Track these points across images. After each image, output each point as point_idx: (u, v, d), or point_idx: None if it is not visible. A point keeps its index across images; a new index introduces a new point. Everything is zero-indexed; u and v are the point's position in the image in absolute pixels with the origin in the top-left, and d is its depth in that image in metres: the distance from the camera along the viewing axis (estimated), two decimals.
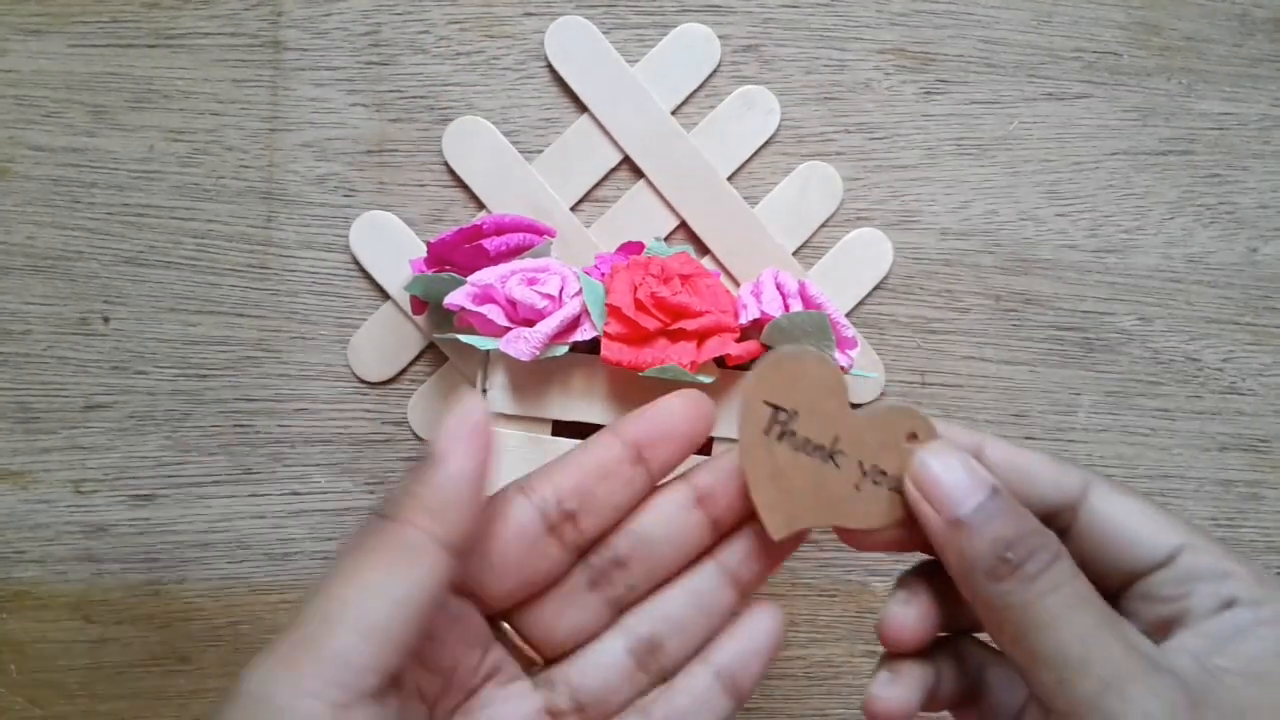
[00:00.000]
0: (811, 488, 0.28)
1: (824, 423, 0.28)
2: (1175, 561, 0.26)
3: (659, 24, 0.43)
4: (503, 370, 0.36)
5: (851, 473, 0.28)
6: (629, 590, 0.28)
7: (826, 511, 0.28)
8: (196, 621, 0.43)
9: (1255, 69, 0.45)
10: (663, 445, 0.28)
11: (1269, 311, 0.46)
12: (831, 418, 0.28)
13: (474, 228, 0.38)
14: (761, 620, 0.29)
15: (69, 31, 0.42)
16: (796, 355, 0.28)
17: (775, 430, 0.28)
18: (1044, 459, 0.27)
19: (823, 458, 0.28)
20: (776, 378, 0.28)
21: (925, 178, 0.44)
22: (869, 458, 0.28)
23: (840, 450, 0.28)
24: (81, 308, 0.43)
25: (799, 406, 0.28)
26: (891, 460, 0.28)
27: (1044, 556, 0.25)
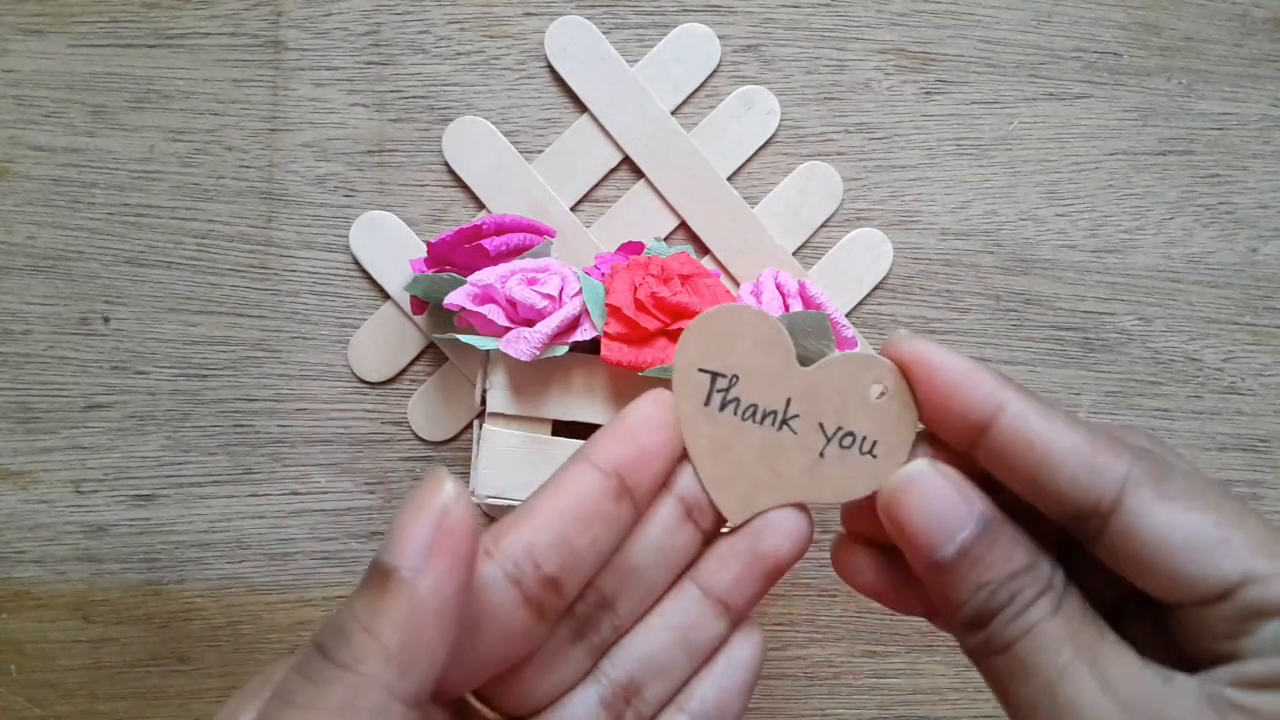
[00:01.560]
0: (766, 461, 0.24)
1: (770, 384, 0.24)
2: (1234, 596, 0.20)
3: (659, 24, 0.43)
4: (503, 370, 0.36)
5: (812, 438, 0.24)
6: (614, 631, 0.24)
7: (788, 487, 0.24)
8: (196, 621, 0.43)
9: (1255, 69, 0.45)
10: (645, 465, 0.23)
11: (1269, 311, 0.46)
12: (778, 377, 0.24)
13: (474, 228, 0.38)
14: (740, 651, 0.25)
15: (69, 31, 0.42)
16: (730, 312, 0.24)
17: (716, 400, 0.24)
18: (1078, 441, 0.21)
19: (775, 424, 0.24)
20: (708, 340, 0.24)
21: (925, 178, 0.44)
22: (831, 418, 0.24)
23: (795, 414, 0.24)
24: (82, 308, 0.43)
25: (739, 370, 0.24)
26: (859, 419, 0.24)
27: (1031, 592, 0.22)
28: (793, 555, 0.24)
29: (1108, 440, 0.21)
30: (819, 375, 0.24)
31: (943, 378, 0.22)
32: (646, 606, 0.24)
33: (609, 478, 0.22)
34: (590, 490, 0.22)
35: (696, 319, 0.25)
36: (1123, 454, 0.21)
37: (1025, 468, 0.22)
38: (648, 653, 0.24)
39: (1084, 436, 0.21)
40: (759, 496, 0.24)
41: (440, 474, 0.20)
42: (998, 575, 0.22)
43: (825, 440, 0.24)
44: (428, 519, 0.19)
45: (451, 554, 0.19)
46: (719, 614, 0.24)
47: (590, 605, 0.24)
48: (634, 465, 0.23)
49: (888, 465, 0.24)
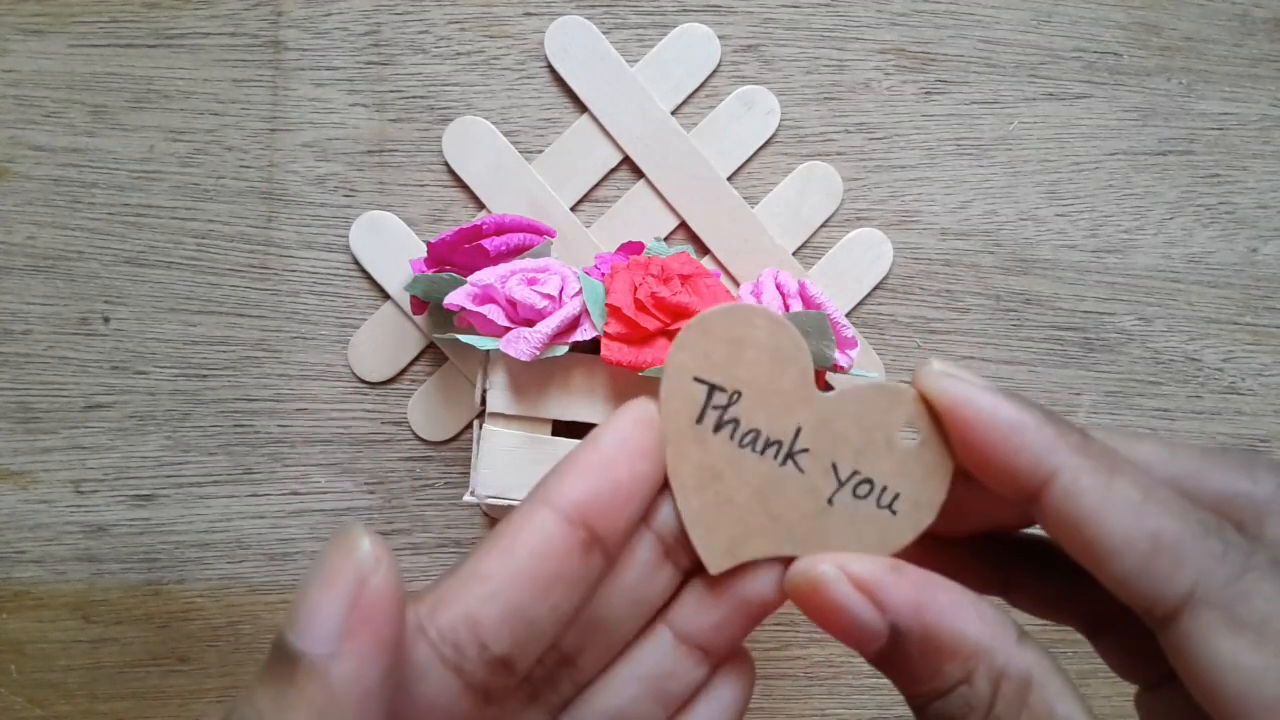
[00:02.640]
0: (762, 500, 0.20)
1: (780, 407, 0.20)
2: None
3: (659, 24, 0.43)
4: (503, 370, 0.36)
5: (822, 479, 0.20)
6: (574, 686, 0.21)
7: (785, 535, 0.20)
8: (196, 621, 0.43)
9: (1255, 69, 0.45)
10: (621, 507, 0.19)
11: (1269, 311, 0.46)
12: (790, 400, 0.20)
13: (474, 228, 0.38)
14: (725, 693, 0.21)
15: (69, 31, 0.42)
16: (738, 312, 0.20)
17: (711, 418, 0.20)
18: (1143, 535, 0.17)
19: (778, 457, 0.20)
20: (711, 344, 0.20)
21: (925, 178, 0.44)
22: (847, 459, 0.20)
23: (804, 448, 0.20)
24: (82, 308, 0.43)
25: (743, 385, 0.20)
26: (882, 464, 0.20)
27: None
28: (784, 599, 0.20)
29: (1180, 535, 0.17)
30: (839, 404, 0.20)
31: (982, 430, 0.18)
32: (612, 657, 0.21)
33: (575, 528, 0.18)
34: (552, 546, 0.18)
35: (700, 316, 0.20)
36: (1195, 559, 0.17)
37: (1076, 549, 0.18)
38: (616, 708, 0.20)
39: (1148, 528, 0.17)
40: (749, 543, 0.20)
41: (354, 532, 0.16)
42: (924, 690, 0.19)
43: (837, 484, 0.20)
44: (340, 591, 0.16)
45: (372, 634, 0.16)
46: (698, 661, 0.21)
47: (547, 665, 0.20)
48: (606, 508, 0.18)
49: (907, 527, 0.20)
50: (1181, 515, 0.17)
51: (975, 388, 0.18)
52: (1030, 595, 0.23)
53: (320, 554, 0.16)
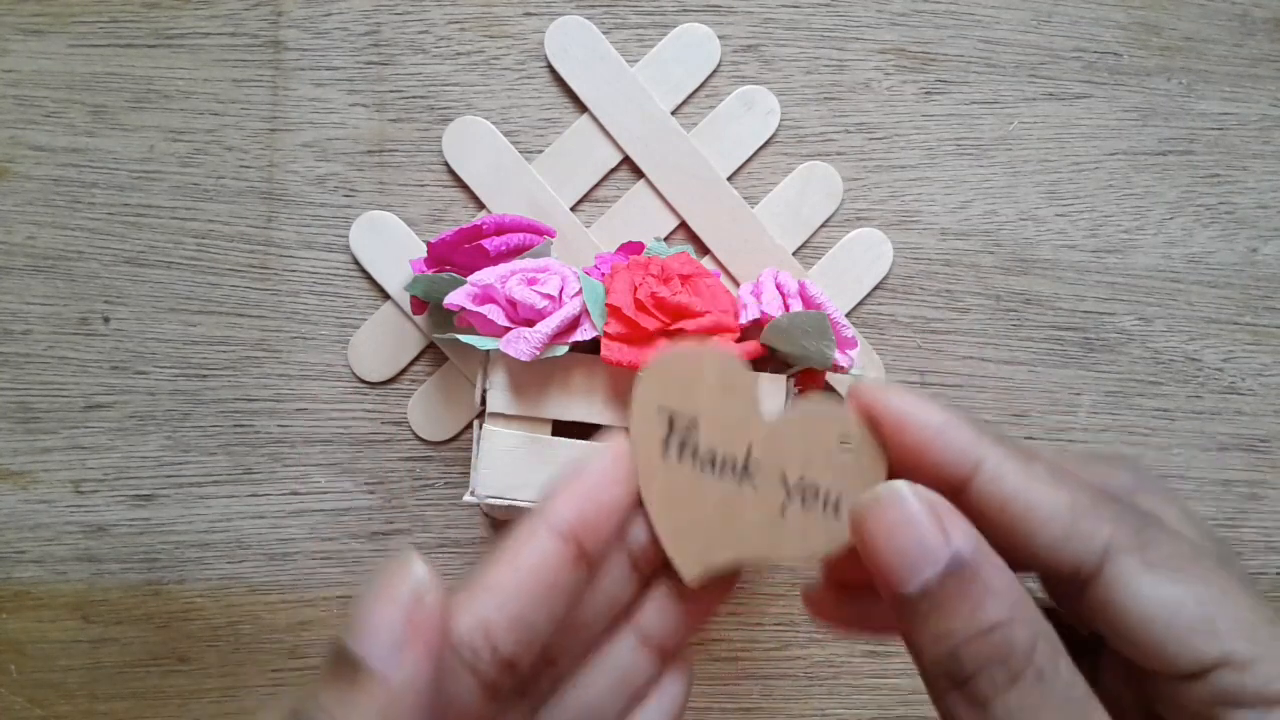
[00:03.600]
0: (723, 515, 0.23)
1: (732, 430, 0.23)
2: (1209, 678, 0.19)
3: (659, 24, 0.43)
4: (503, 370, 0.36)
5: (773, 492, 0.22)
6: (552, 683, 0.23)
7: (746, 543, 0.23)
8: (196, 621, 0.43)
9: (1255, 69, 0.45)
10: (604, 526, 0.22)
11: (1269, 311, 0.46)
12: (740, 423, 0.23)
13: (474, 228, 0.38)
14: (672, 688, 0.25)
15: (69, 31, 0.42)
16: (689, 353, 0.23)
17: (675, 444, 0.23)
18: (1058, 503, 0.20)
19: (734, 475, 0.23)
20: (669, 377, 0.23)
21: (925, 178, 0.44)
22: (794, 470, 0.22)
23: (756, 463, 0.23)
24: (82, 308, 0.43)
25: (699, 412, 0.23)
26: (824, 472, 0.22)
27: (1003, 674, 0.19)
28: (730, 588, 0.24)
29: (1091, 500, 0.20)
30: (783, 423, 0.23)
31: (914, 432, 0.21)
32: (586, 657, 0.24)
33: (568, 543, 0.21)
34: (549, 560, 0.21)
35: (655, 358, 0.23)
36: (1106, 517, 0.20)
37: (1002, 529, 0.20)
38: (587, 702, 0.23)
39: (1065, 498, 0.20)
40: (716, 553, 0.23)
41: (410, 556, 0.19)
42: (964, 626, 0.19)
43: (786, 494, 0.22)
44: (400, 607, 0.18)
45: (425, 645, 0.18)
46: (654, 659, 0.24)
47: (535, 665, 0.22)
48: (593, 527, 0.21)
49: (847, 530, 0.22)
50: (1087, 487, 0.21)
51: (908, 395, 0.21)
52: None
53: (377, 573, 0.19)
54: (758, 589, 0.44)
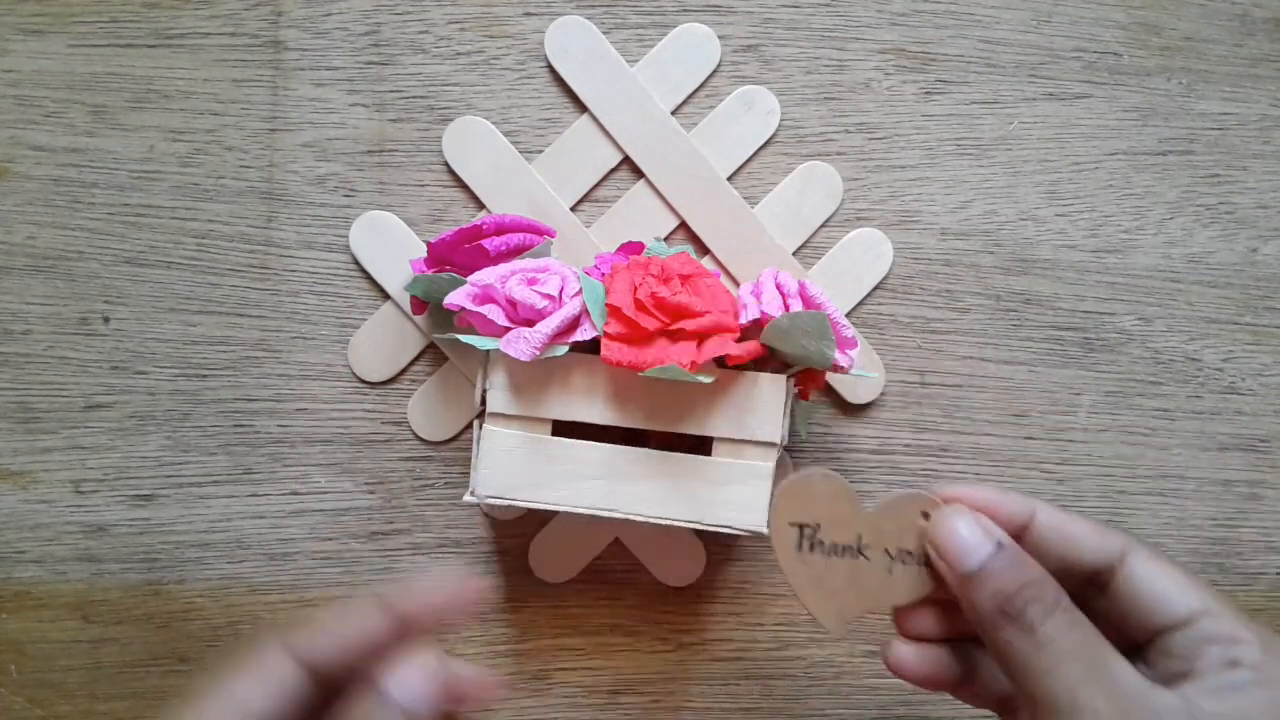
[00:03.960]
0: (850, 583, 0.32)
1: (844, 527, 0.32)
2: (1193, 624, 0.29)
3: (659, 24, 0.43)
4: (503, 370, 0.36)
5: (881, 561, 0.32)
6: None
7: (869, 599, 0.32)
8: (196, 621, 0.43)
9: (1255, 69, 0.45)
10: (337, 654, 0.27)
11: (1269, 311, 0.46)
12: (849, 520, 0.32)
13: (474, 228, 0.38)
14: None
15: (69, 31, 0.42)
16: (806, 478, 0.32)
17: (806, 545, 0.32)
18: (1089, 525, 0.31)
19: (852, 555, 0.32)
20: (794, 501, 0.32)
21: (925, 178, 0.44)
22: (893, 543, 0.32)
23: (866, 545, 0.32)
24: (82, 308, 0.43)
25: (819, 520, 0.32)
26: (913, 540, 0.32)
27: (1040, 607, 0.28)
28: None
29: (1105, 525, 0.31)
30: (880, 514, 0.32)
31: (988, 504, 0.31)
32: None
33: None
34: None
35: (781, 488, 0.32)
36: (1118, 533, 0.31)
37: (1058, 547, 0.31)
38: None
39: (1092, 523, 0.31)
40: (849, 610, 0.32)
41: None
42: (1011, 583, 0.29)
43: (891, 560, 0.32)
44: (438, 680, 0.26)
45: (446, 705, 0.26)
46: None
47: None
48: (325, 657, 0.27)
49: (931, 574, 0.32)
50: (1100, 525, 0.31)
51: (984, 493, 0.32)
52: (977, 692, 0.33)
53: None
54: (759, 589, 0.44)
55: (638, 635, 0.44)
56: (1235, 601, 0.30)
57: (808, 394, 0.40)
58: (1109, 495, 0.45)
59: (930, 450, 0.44)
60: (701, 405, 0.36)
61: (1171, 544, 0.45)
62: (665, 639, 0.44)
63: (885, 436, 0.44)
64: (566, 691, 0.44)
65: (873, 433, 0.44)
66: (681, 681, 0.44)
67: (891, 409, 0.44)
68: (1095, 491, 0.45)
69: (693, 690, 0.44)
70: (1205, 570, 0.45)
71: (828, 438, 0.44)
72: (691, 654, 0.44)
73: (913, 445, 0.44)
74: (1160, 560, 0.30)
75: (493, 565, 0.44)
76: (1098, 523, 0.31)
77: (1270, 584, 0.46)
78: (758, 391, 0.36)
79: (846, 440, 0.44)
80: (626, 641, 0.44)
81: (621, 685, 0.44)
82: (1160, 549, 0.43)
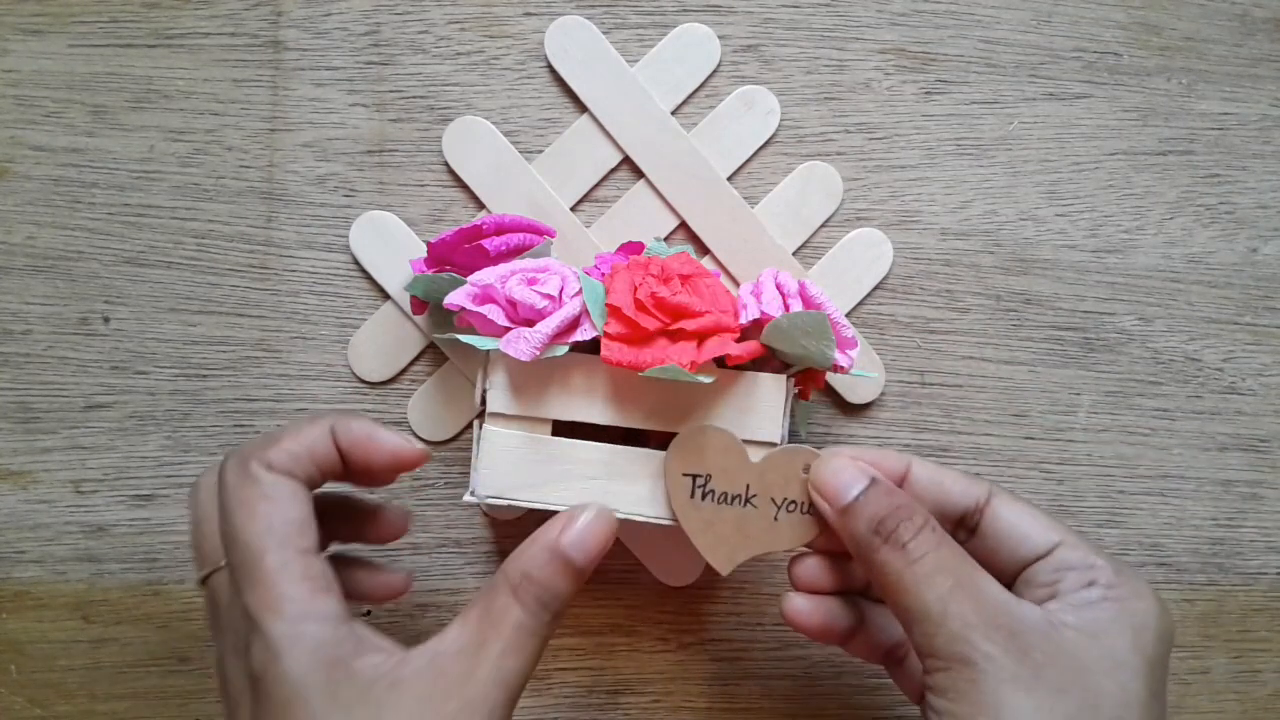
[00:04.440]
0: (738, 529, 0.35)
1: (733, 477, 0.35)
2: (1053, 554, 0.32)
3: (659, 24, 0.43)
4: (503, 370, 0.36)
5: (768, 509, 0.35)
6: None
7: (756, 544, 0.35)
8: (196, 621, 0.43)
9: (1255, 69, 0.45)
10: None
11: (1269, 311, 0.46)
12: (738, 472, 0.35)
13: (474, 228, 0.38)
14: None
15: (69, 31, 0.42)
16: (697, 432, 0.35)
17: (698, 493, 0.35)
18: (958, 473, 0.35)
19: (741, 504, 0.35)
20: (686, 453, 0.35)
21: (925, 178, 0.44)
22: (779, 493, 0.35)
23: (754, 494, 0.35)
24: (81, 308, 0.43)
25: (710, 470, 0.35)
26: (797, 490, 0.35)
27: (910, 526, 0.32)
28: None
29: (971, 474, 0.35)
30: (766, 466, 0.35)
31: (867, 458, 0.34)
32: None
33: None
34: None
35: (675, 440, 0.35)
36: (982, 480, 0.35)
37: (930, 492, 0.34)
38: None
39: (960, 473, 0.35)
40: (737, 553, 0.35)
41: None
42: (885, 509, 0.32)
43: (777, 509, 0.35)
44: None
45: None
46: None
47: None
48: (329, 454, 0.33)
49: (815, 521, 0.35)
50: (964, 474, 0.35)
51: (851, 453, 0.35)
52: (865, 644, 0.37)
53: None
54: (759, 589, 0.44)
55: (638, 635, 0.44)
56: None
57: (808, 394, 0.40)
58: (1109, 495, 0.45)
59: (930, 450, 0.44)
60: (701, 405, 0.36)
61: (1171, 544, 0.45)
62: (665, 639, 0.44)
63: (885, 436, 0.44)
64: (566, 691, 0.44)
65: (873, 433, 0.44)
66: (681, 681, 0.44)
67: (891, 409, 0.44)
68: (1095, 491, 0.45)
69: (693, 690, 0.44)
70: (1205, 570, 0.45)
71: (828, 438, 0.44)
72: (691, 654, 0.44)
73: (913, 445, 0.44)
74: (1020, 501, 0.34)
75: (493, 565, 0.44)
76: (964, 472, 0.35)
77: (1270, 584, 0.46)
78: (758, 391, 0.36)
79: (846, 440, 0.44)
80: (626, 641, 0.44)
81: (621, 685, 0.44)
82: (1158, 549, 0.45)
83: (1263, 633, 0.46)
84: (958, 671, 0.29)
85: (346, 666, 0.28)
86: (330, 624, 0.29)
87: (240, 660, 0.29)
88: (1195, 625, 0.45)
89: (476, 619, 0.30)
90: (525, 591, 0.31)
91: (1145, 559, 0.45)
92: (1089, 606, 0.31)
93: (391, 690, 0.28)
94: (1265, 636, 0.46)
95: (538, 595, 0.30)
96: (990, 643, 0.29)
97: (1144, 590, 0.32)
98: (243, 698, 0.29)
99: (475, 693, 0.29)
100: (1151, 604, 0.31)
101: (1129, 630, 0.30)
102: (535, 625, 0.30)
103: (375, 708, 0.28)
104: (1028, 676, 0.29)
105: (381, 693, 0.28)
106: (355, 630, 0.29)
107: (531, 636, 0.30)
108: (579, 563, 0.31)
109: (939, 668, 0.30)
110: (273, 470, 0.30)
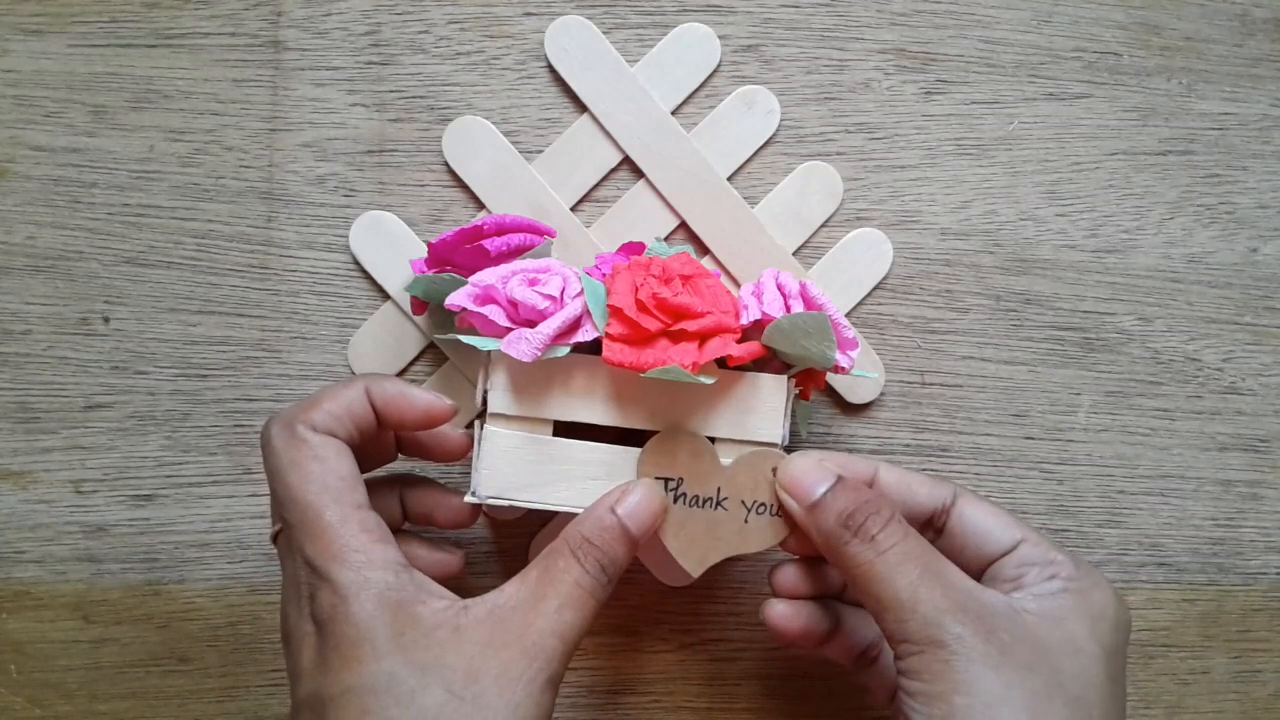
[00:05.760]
0: (709, 532, 0.35)
1: (705, 481, 0.35)
2: (1016, 551, 0.34)
3: (659, 24, 0.43)
4: (504, 371, 0.36)
5: (738, 512, 0.35)
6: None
7: (728, 546, 0.35)
8: (196, 621, 0.43)
9: (1255, 69, 0.45)
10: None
11: (1269, 311, 0.46)
12: (709, 475, 0.35)
13: (474, 228, 0.38)
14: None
15: (69, 31, 0.42)
16: (668, 436, 0.35)
17: (670, 496, 0.35)
18: (924, 477, 0.36)
19: (712, 507, 0.35)
20: (658, 457, 0.35)
21: (925, 178, 0.44)
22: (748, 496, 0.35)
23: (725, 497, 0.35)
24: (81, 308, 0.42)
25: (681, 474, 0.35)
26: (767, 493, 0.35)
27: (878, 519, 0.32)
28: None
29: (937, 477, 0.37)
30: (736, 470, 0.35)
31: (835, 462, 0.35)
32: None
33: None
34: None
35: (647, 445, 0.35)
36: (948, 482, 0.36)
37: (898, 493, 0.36)
38: None
39: (926, 476, 0.36)
40: (708, 555, 0.35)
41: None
42: (852, 503, 0.33)
43: (747, 511, 0.35)
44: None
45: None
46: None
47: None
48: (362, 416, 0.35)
49: (784, 523, 0.35)
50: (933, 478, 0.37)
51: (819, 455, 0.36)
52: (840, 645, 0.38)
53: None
54: (759, 589, 0.44)
55: (638, 635, 0.44)
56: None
57: (808, 394, 0.40)
58: (1109, 495, 0.45)
59: (930, 450, 0.44)
60: (703, 406, 0.36)
61: (1171, 544, 0.45)
62: (665, 639, 0.44)
63: (885, 436, 0.44)
64: (566, 691, 0.44)
65: (873, 433, 0.44)
66: (681, 681, 0.44)
67: (891, 409, 0.44)
68: (1095, 491, 0.45)
69: (693, 690, 0.44)
70: (1205, 570, 0.45)
71: (828, 438, 0.44)
72: (691, 654, 0.44)
73: (913, 445, 0.44)
74: (984, 502, 0.36)
75: (492, 565, 0.44)
76: (931, 475, 0.36)
77: (1270, 584, 0.46)
78: (759, 392, 0.36)
79: (846, 440, 0.44)
80: (626, 641, 0.44)
81: (621, 685, 0.44)
82: (1158, 549, 0.45)
83: (1263, 633, 0.46)
84: (931, 654, 0.30)
85: (410, 610, 0.30)
86: (393, 570, 0.31)
87: (302, 610, 0.31)
88: (1195, 625, 0.46)
89: (536, 577, 0.32)
90: (585, 553, 0.32)
91: (1145, 559, 0.45)
92: (1050, 596, 0.33)
93: (454, 634, 0.30)
94: (1265, 636, 0.46)
95: (597, 558, 0.32)
96: (960, 625, 0.30)
97: (1101, 583, 0.34)
98: (304, 643, 0.31)
99: (534, 642, 0.30)
100: (1109, 595, 0.33)
101: (1087, 618, 0.32)
102: (593, 585, 0.32)
103: (438, 649, 0.30)
104: (996, 655, 0.30)
105: (445, 636, 0.30)
106: (416, 578, 0.31)
107: (589, 595, 0.32)
108: (634, 531, 0.33)
109: (912, 652, 0.31)
110: (318, 431, 0.33)
